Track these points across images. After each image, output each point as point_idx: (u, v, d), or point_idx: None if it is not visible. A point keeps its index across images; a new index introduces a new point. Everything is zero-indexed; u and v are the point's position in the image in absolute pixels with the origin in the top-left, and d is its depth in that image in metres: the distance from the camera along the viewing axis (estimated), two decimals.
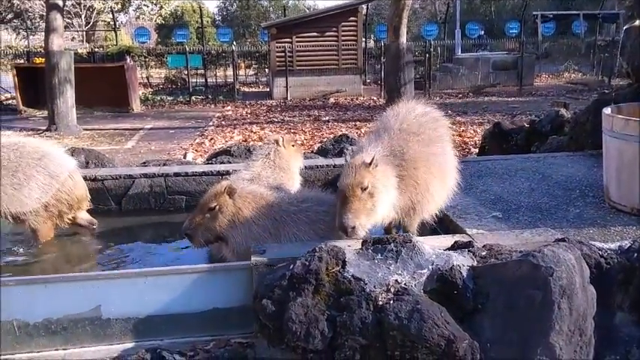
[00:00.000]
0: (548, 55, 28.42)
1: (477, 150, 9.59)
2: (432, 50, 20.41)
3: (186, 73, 21.06)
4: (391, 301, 2.89)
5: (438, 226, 4.36)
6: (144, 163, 6.80)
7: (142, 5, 34.77)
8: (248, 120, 16.09)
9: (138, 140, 13.27)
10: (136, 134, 14.09)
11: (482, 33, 26.98)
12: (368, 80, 24.76)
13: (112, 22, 28.52)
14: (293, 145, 5.12)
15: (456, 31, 26.23)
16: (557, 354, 2.79)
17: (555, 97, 18.28)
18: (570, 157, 6.17)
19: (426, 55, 20.36)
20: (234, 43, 23.34)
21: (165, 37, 33.40)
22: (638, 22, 6.58)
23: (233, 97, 20.58)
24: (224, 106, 19.25)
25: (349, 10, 20.71)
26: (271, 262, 3.35)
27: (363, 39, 22.50)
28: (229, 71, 23.29)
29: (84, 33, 34.08)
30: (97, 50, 22.92)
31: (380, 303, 2.90)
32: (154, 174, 5.92)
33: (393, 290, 2.95)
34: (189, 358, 3.27)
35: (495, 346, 2.87)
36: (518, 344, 2.84)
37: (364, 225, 3.43)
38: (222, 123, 15.63)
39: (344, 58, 20.85)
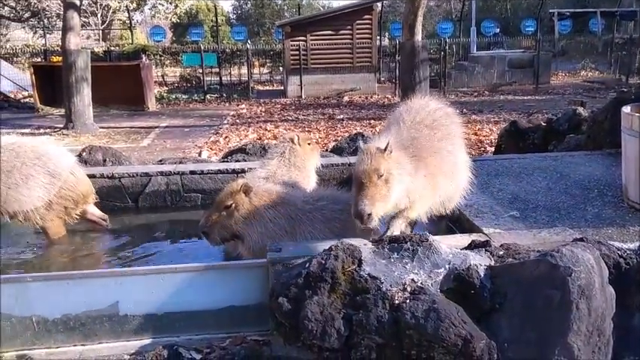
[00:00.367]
0: (564, 53, 28.17)
1: (492, 149, 9.53)
2: (447, 48, 20.28)
3: (201, 71, 21.14)
4: (407, 300, 2.88)
5: (454, 225, 4.34)
6: (160, 161, 6.85)
7: (158, 4, 34.96)
8: (262, 118, 16.11)
9: (153, 138, 13.36)
10: (152, 132, 14.18)
11: (498, 31, 26.76)
12: (382, 78, 24.66)
13: (127, 21, 28.73)
14: (309, 144, 5.10)
15: (472, 29, 26.06)
16: (575, 354, 2.77)
17: (572, 95, 18.12)
18: (588, 156, 6.11)
19: (441, 53, 20.27)
20: (248, 41, 23.35)
21: (180, 36, 33.69)
22: None
23: (247, 96, 20.62)
24: (238, 105, 19.30)
25: (364, 8, 20.64)
26: (287, 261, 3.36)
27: (377, 37, 22.43)
28: (244, 69, 23.35)
29: (100, 32, 34.37)
30: (113, 49, 23.14)
31: (396, 302, 2.89)
32: (170, 172, 5.96)
33: (409, 289, 2.94)
34: (205, 355, 3.29)
35: (513, 346, 2.85)
36: (535, 344, 2.82)
37: (378, 213, 3.37)
38: (237, 121, 15.67)
39: (358, 56, 20.80)
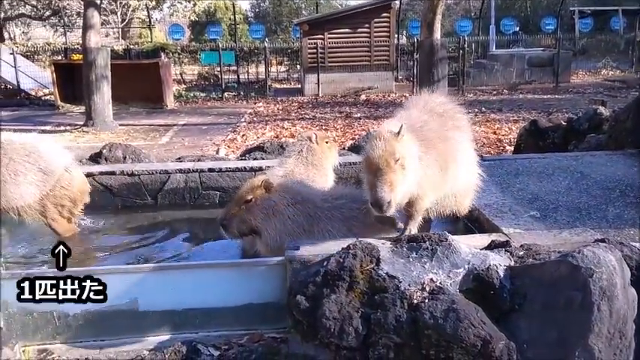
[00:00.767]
0: (585, 52, 27.83)
1: (512, 148, 9.45)
2: (465, 46, 20.14)
3: (219, 69, 21.27)
4: (426, 300, 2.86)
5: (473, 225, 4.31)
6: (179, 158, 6.89)
7: (176, 2, 35.22)
8: (279, 116, 16.16)
9: (172, 136, 13.47)
10: (170, 130, 14.30)
11: (518, 29, 26.52)
12: (400, 77, 24.55)
13: (146, 19, 28.99)
14: (326, 142, 5.08)
15: (491, 27, 25.87)
16: (596, 356, 2.74)
17: (593, 94, 17.91)
18: (609, 156, 6.03)
19: (460, 52, 20.14)
20: (266, 39, 23.43)
21: (199, 34, 33.84)
22: None
23: (265, 94, 20.69)
24: (256, 103, 19.37)
25: (382, 6, 20.58)
26: (305, 259, 3.36)
27: (395, 35, 22.34)
28: (261, 68, 23.42)
29: (120, 30, 34.70)
30: (132, 47, 23.34)
31: (415, 302, 2.88)
32: (188, 169, 6.00)
33: (428, 289, 2.93)
34: (223, 351, 3.31)
35: (532, 348, 2.82)
36: (555, 346, 2.79)
37: (397, 199, 3.27)
38: (254, 119, 15.74)
39: (376, 54, 20.75)
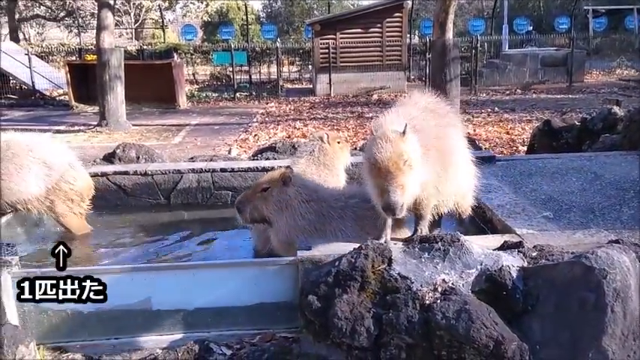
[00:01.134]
0: (599, 51, 27.59)
1: (525, 148, 9.40)
2: (478, 46, 20.00)
3: (231, 70, 21.34)
4: (438, 301, 2.86)
5: (486, 226, 4.29)
6: (191, 158, 6.92)
7: (189, 3, 35.43)
8: (291, 116, 16.18)
9: (184, 136, 13.54)
10: (183, 130, 14.37)
11: (531, 28, 26.35)
12: (412, 77, 24.46)
13: (159, 20, 29.15)
14: (338, 142, 5.08)
15: (504, 27, 25.74)
16: (609, 358, 2.72)
17: (607, 94, 17.74)
18: (624, 157, 5.97)
19: (473, 51, 20.02)
20: (278, 39, 23.46)
21: (211, 35, 33.95)
22: None
23: (277, 94, 20.71)
24: (268, 103, 19.40)
25: (394, 6, 20.50)
26: (317, 259, 3.37)
27: (407, 35, 22.26)
28: (273, 68, 23.42)
29: (133, 30, 34.95)
30: (145, 48, 23.50)
31: (427, 302, 2.88)
32: (201, 169, 6.02)
33: (440, 289, 2.93)
34: (235, 350, 3.32)
35: (545, 349, 2.81)
36: (568, 347, 2.78)
37: (408, 201, 3.21)
38: (266, 119, 15.77)
39: (388, 54, 20.68)
